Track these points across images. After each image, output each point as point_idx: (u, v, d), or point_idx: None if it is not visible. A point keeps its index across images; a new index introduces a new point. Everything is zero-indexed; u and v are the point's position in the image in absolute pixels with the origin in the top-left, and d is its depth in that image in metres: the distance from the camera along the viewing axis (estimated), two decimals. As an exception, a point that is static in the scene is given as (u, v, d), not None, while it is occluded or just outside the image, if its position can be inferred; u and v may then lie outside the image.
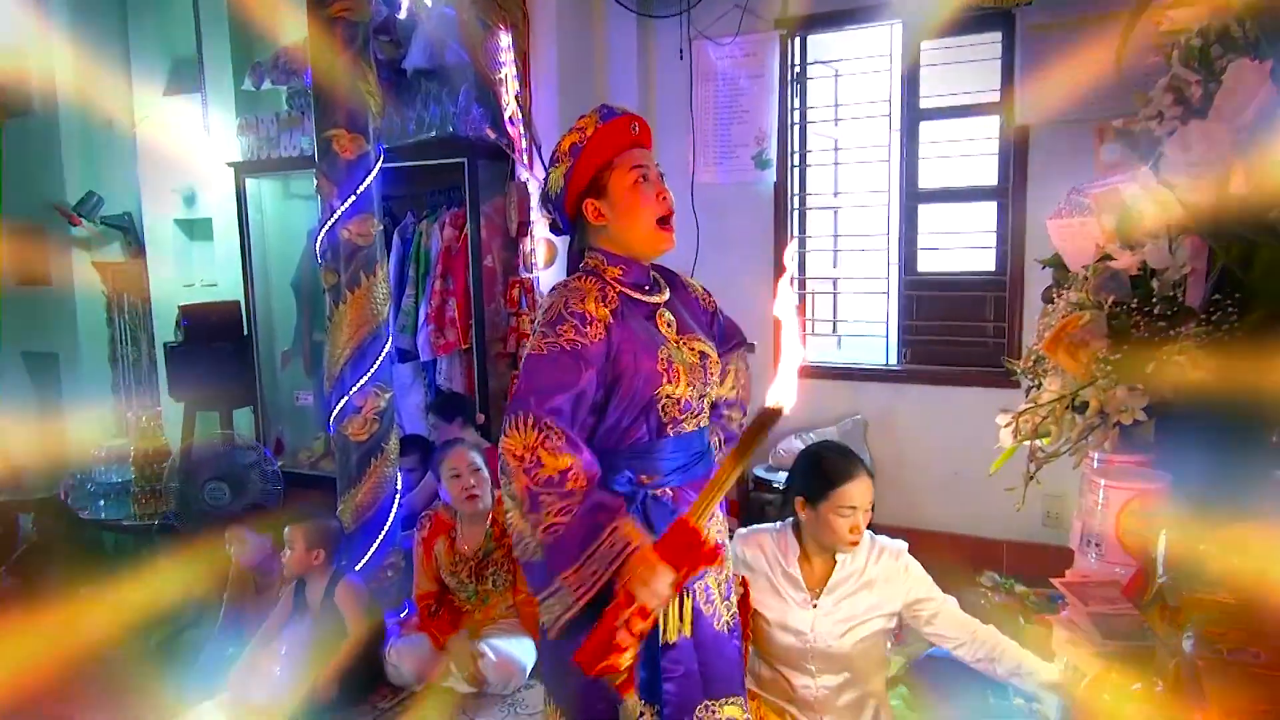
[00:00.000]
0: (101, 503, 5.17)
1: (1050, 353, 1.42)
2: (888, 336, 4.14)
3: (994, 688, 2.35)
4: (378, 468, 3.40)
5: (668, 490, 1.68)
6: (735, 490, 4.08)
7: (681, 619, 1.63)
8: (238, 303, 4.88)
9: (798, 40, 4.15)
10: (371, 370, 3.35)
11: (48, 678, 3.06)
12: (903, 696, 2.75)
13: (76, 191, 5.51)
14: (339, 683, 2.96)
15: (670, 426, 1.66)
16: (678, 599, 1.61)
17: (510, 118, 4.03)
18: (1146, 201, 1.31)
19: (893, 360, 4.13)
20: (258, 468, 4.39)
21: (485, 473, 3.20)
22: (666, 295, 1.79)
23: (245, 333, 4.87)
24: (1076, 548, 1.71)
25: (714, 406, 1.87)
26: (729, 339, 1.98)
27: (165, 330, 5.23)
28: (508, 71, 3.99)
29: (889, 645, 2.43)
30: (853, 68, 4.19)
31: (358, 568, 3.29)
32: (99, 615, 3.57)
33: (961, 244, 4.05)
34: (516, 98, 4.01)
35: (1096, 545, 1.61)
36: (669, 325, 1.73)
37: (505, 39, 3.96)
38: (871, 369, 4.16)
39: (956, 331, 3.95)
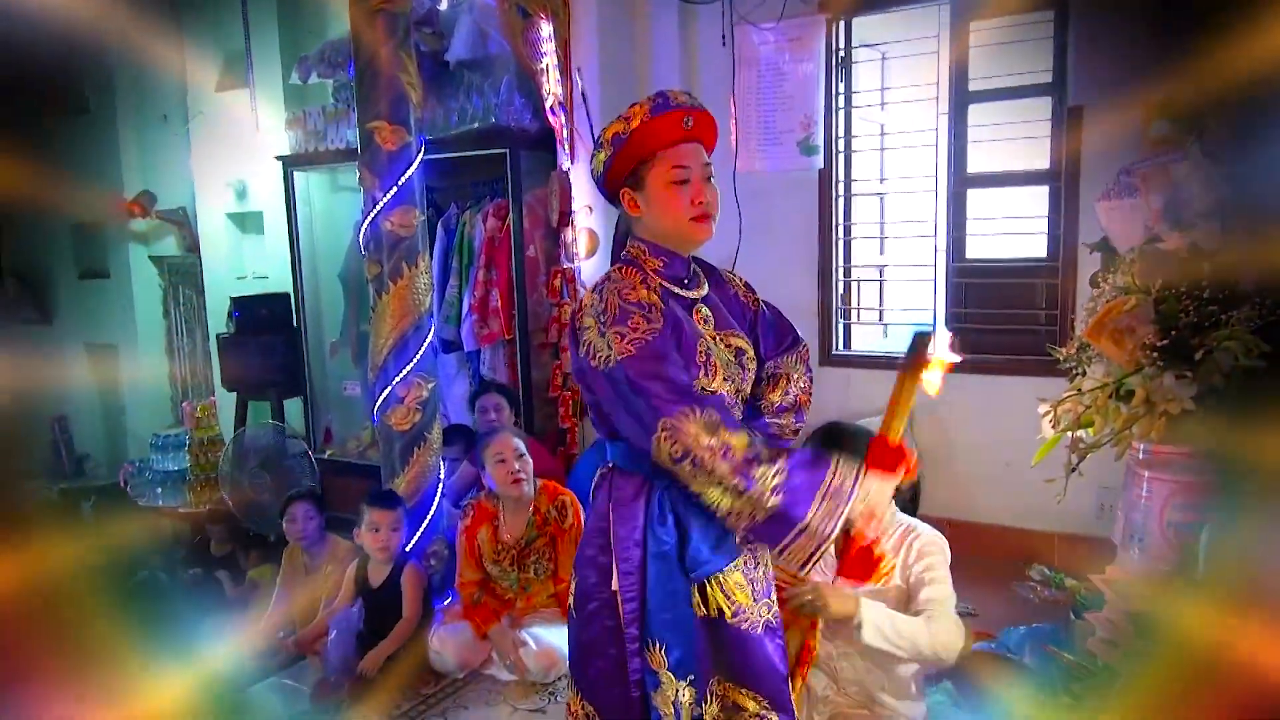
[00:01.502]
0: (159, 490, 5.31)
1: (1094, 339, 1.36)
2: (935, 325, 4.05)
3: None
4: (420, 457, 3.43)
5: None
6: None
7: (716, 605, 1.66)
8: (287, 294, 4.97)
9: (843, 24, 4.07)
10: (414, 360, 3.38)
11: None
12: (947, 691, 2.70)
13: (134, 187, 5.66)
14: (386, 666, 3.00)
15: None
16: (713, 589, 1.66)
17: (552, 107, 4.03)
18: (1196, 180, 1.25)
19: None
20: (297, 457, 4.48)
21: (529, 458, 3.21)
22: (705, 290, 1.78)
23: (295, 324, 4.96)
24: (1119, 543, 1.65)
25: (758, 411, 1.83)
26: (782, 339, 1.92)
27: (218, 321, 5.34)
28: (549, 61, 3.98)
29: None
30: (899, 50, 4.10)
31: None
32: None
33: (1012, 230, 3.94)
34: (557, 87, 4.01)
35: (1140, 541, 1.55)
36: (705, 321, 1.73)
37: (546, 28, 3.96)
38: (919, 358, 4.07)
39: (1007, 320, 3.85)
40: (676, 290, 1.71)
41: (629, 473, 1.72)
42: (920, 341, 1.53)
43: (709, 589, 1.66)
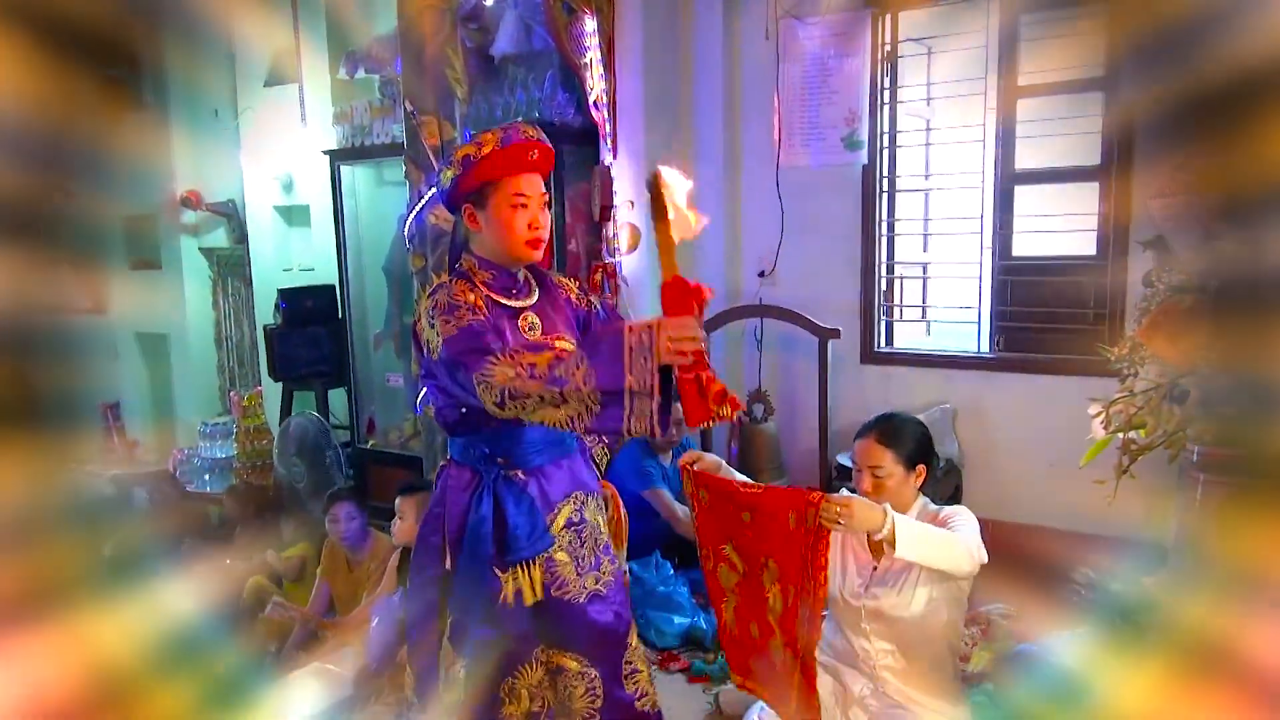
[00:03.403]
0: (207, 477, 5.42)
1: (1148, 340, 1.34)
2: (979, 323, 4.00)
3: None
4: (462, 448, 3.46)
5: (519, 473, 1.92)
6: (819, 478, 4.03)
7: (534, 589, 1.89)
8: (333, 286, 5.04)
9: (889, 17, 4.03)
10: (457, 353, 3.41)
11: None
12: (987, 693, 2.67)
13: (185, 180, 5.78)
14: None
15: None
16: (526, 570, 1.89)
17: (595, 102, 4.04)
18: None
19: (984, 347, 3.99)
20: (331, 450, 4.56)
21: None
22: (534, 299, 1.98)
23: (339, 315, 5.03)
24: (1171, 547, 1.62)
25: None
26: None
27: (265, 313, 5.44)
28: (593, 55, 3.99)
29: (959, 624, 2.35)
30: (946, 45, 4.05)
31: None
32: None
33: (1060, 227, 3.87)
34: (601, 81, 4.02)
35: (1191, 545, 1.52)
36: (531, 328, 1.93)
37: (590, 23, 3.96)
38: (962, 356, 4.03)
39: (1053, 318, 3.79)
40: (503, 300, 1.92)
41: (462, 465, 1.96)
42: (652, 184, 1.64)
43: (521, 573, 1.88)
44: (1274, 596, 1.27)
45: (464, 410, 1.88)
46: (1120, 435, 1.41)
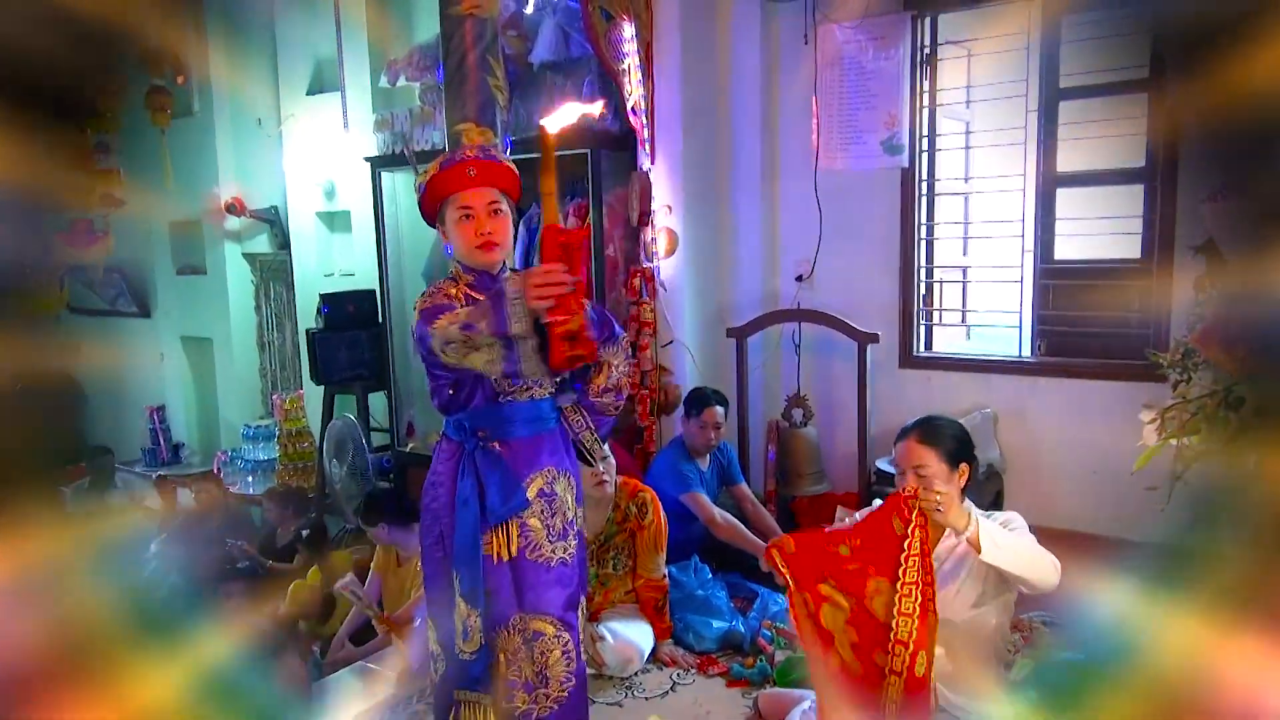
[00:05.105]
0: (250, 479, 5.52)
1: (1203, 346, 1.33)
2: (1020, 327, 3.96)
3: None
4: (500, 452, 3.50)
5: (495, 445, 2.14)
6: (858, 483, 4.01)
7: (509, 547, 2.11)
8: (373, 291, 5.11)
9: (928, 20, 4.02)
10: (495, 357, 3.44)
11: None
12: (1030, 701, 2.65)
13: (230, 187, 5.89)
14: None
15: (501, 396, 2.12)
16: (504, 530, 2.12)
17: (633, 108, 4.06)
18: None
19: (1026, 351, 3.95)
20: (362, 454, 4.62)
21: (613, 459, 3.25)
22: None
23: (379, 320, 5.09)
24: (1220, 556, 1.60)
25: (586, 393, 2.26)
26: (602, 333, 2.20)
27: (307, 317, 5.52)
28: (631, 62, 4.02)
29: (1007, 631, 2.35)
30: (987, 47, 4.02)
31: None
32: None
33: (1103, 230, 3.83)
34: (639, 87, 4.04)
35: (1249, 552, 1.50)
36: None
37: (628, 30, 3.99)
38: (1002, 360, 4.00)
39: (1096, 322, 3.75)
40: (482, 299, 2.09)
41: (452, 440, 2.19)
42: (540, 137, 1.88)
43: (499, 533, 2.11)
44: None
45: (451, 391, 2.14)
46: (1174, 442, 1.40)
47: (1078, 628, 2.61)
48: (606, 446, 3.31)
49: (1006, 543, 2.12)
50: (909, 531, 2.13)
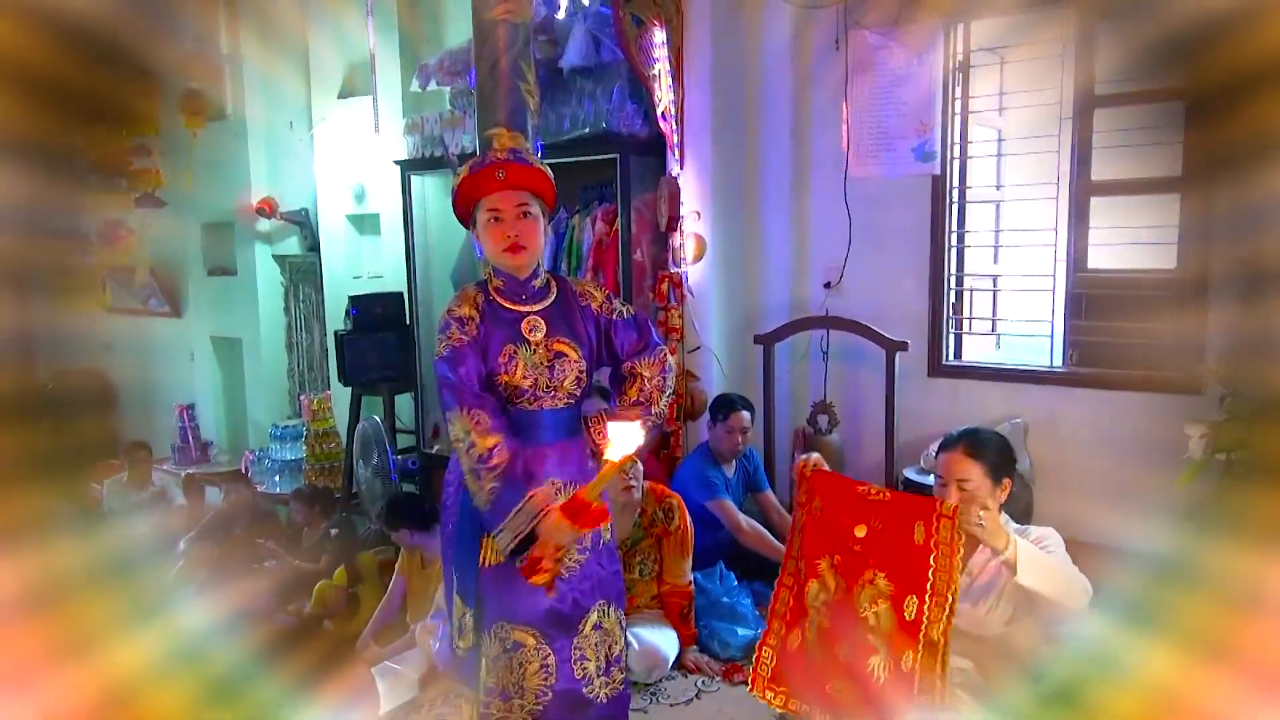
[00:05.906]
0: (277, 478, 5.56)
1: (1248, 360, 1.30)
2: (1052, 336, 3.92)
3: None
4: (525, 455, 3.51)
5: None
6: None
7: (496, 552, 2.11)
8: (401, 294, 5.14)
9: (961, 26, 3.99)
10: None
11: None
12: (1058, 716, 2.61)
13: (261, 189, 5.95)
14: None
15: (510, 403, 2.15)
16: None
17: (663, 113, 4.06)
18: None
19: (1057, 361, 3.91)
20: (381, 454, 4.64)
21: (640, 465, 3.25)
22: (547, 303, 2.20)
23: (407, 322, 5.12)
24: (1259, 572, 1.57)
25: (618, 402, 2.26)
26: (638, 343, 2.25)
27: (336, 319, 5.56)
28: (661, 67, 4.02)
29: (1038, 647, 2.31)
30: (1020, 54, 3.99)
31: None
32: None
33: (1138, 239, 3.78)
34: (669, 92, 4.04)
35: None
36: (533, 329, 2.16)
37: (659, 35, 3.99)
38: (1033, 370, 3.95)
39: (1130, 333, 3.69)
40: (508, 305, 2.17)
41: None
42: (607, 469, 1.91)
43: (491, 539, 2.09)
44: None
45: None
46: (1219, 457, 1.37)
47: (1103, 642, 2.57)
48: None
49: (1042, 565, 2.08)
50: (931, 545, 2.07)
